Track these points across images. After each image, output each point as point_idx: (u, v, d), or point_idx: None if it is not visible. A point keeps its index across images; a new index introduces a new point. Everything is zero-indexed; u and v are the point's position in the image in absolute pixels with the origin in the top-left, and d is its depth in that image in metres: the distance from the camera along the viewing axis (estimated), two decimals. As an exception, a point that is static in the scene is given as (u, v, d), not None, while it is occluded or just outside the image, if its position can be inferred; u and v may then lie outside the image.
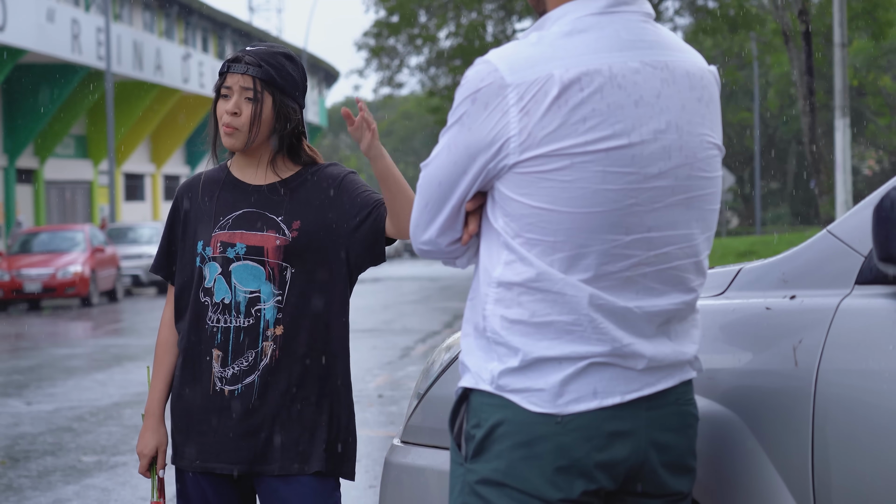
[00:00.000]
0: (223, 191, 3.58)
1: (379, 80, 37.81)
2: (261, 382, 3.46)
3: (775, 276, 2.90)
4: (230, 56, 3.55)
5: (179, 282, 3.59)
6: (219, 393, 3.49)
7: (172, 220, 3.65)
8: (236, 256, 3.49)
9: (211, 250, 3.51)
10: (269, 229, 3.50)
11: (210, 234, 3.53)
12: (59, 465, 8.89)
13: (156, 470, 3.61)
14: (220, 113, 3.51)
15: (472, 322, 2.55)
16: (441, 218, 2.54)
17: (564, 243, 2.43)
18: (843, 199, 19.34)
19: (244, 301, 3.48)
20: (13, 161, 34.72)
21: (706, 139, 2.55)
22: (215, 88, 3.54)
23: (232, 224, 3.52)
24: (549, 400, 2.45)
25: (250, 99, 3.48)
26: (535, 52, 2.44)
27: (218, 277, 3.50)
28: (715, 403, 2.79)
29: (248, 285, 3.48)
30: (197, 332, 3.52)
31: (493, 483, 2.47)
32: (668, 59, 2.51)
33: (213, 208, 3.56)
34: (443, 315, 20.78)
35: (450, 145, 2.50)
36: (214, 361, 3.49)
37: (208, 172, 3.67)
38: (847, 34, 21.42)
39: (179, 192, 3.66)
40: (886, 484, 2.58)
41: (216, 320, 3.49)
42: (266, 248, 3.49)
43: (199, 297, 3.52)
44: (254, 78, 3.47)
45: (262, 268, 3.49)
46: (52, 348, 18.14)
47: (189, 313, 3.54)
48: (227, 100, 3.50)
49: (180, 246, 3.60)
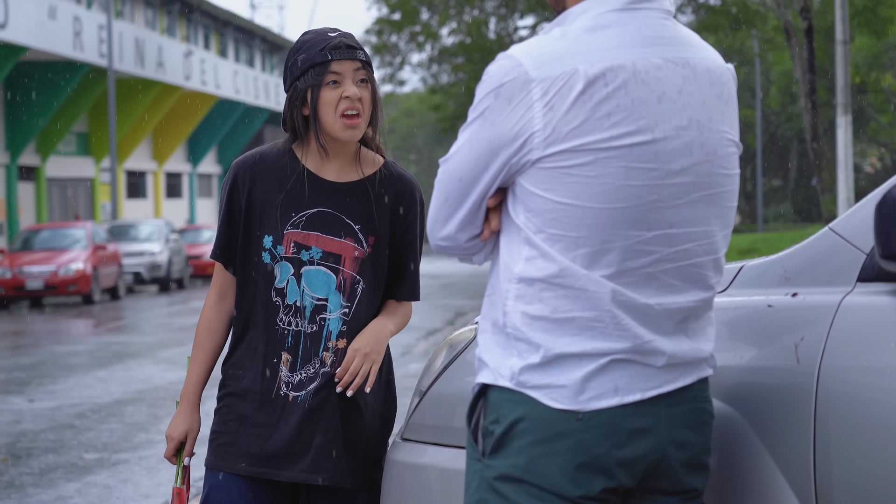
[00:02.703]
0: (294, 182, 3.39)
1: (381, 77, 37.79)
2: (321, 392, 3.34)
3: (777, 274, 2.90)
4: (322, 40, 3.32)
5: (240, 274, 3.42)
6: (283, 397, 3.36)
7: (231, 204, 3.42)
8: (310, 260, 3.35)
9: (283, 249, 3.36)
10: (347, 236, 3.36)
11: (281, 230, 3.36)
12: (60, 462, 8.89)
13: (182, 456, 3.49)
14: (331, 102, 3.30)
15: (490, 318, 2.54)
16: (461, 213, 2.53)
17: (587, 239, 2.43)
18: (844, 196, 19.33)
19: (310, 306, 3.35)
20: (15, 158, 34.72)
21: (726, 136, 2.55)
22: (313, 81, 3.31)
23: (306, 223, 3.36)
24: (570, 396, 2.44)
25: (364, 81, 3.33)
26: (559, 48, 2.44)
27: (290, 279, 3.36)
28: (717, 400, 2.79)
29: (317, 292, 3.36)
30: (266, 332, 3.38)
31: (512, 479, 2.46)
32: (688, 55, 2.51)
33: (284, 201, 3.37)
34: (444, 312, 20.77)
35: (471, 140, 2.49)
36: (283, 365, 3.36)
37: (267, 154, 3.43)
38: (849, 31, 21.41)
39: (238, 174, 3.42)
40: (888, 480, 2.58)
41: (287, 322, 3.36)
42: (344, 257, 3.36)
43: (271, 296, 3.37)
44: (362, 62, 3.34)
45: (335, 276, 3.36)
46: (53, 345, 18.15)
47: (257, 312, 3.39)
48: (337, 86, 3.31)
49: (241, 232, 3.41)
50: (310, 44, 3.34)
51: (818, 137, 21.70)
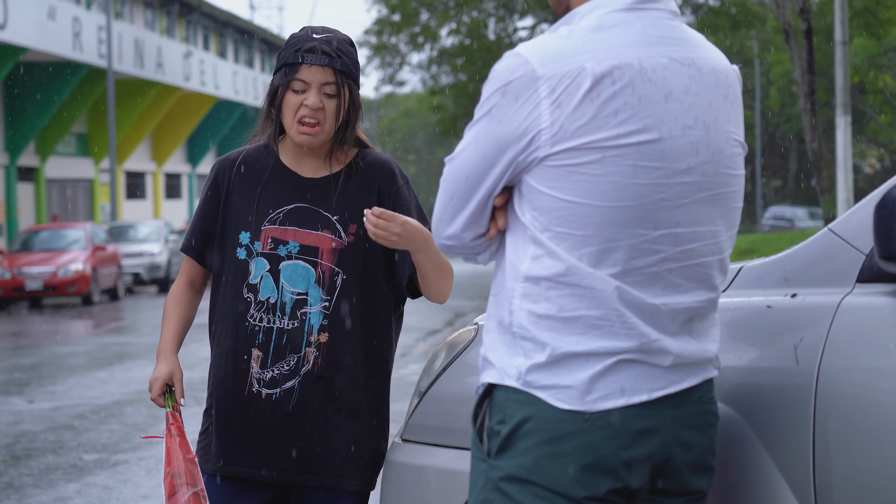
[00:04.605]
0: (272, 179, 3.39)
1: (380, 78, 37.80)
2: (301, 389, 3.32)
3: (776, 274, 2.90)
4: (301, 41, 3.31)
5: (216, 268, 3.42)
6: (255, 395, 3.34)
7: (210, 199, 3.43)
8: (288, 255, 3.33)
9: (260, 245, 3.35)
10: (324, 229, 3.34)
11: (259, 226, 3.35)
12: (60, 463, 8.89)
13: (174, 396, 3.43)
14: (292, 106, 3.29)
15: (496, 317, 2.54)
16: (467, 212, 2.53)
17: (594, 237, 2.43)
18: (844, 196, 19.32)
19: (290, 302, 3.33)
20: (14, 159, 34.71)
21: (731, 136, 2.56)
22: (281, 81, 3.31)
23: (283, 219, 3.35)
24: (576, 397, 2.44)
25: (330, 95, 3.29)
26: (566, 46, 2.44)
27: (265, 275, 3.34)
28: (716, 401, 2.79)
29: (297, 286, 3.33)
30: (235, 328, 3.36)
31: (518, 480, 2.46)
32: (694, 56, 2.52)
33: (260, 197, 3.37)
34: (443, 313, 20.76)
35: (478, 138, 2.48)
36: (253, 362, 3.34)
37: (250, 152, 3.44)
38: (848, 32, 21.41)
39: (218, 170, 3.44)
40: (887, 481, 2.58)
41: (258, 319, 3.34)
42: (321, 249, 3.34)
43: (242, 292, 3.36)
44: (335, 71, 3.29)
45: (313, 269, 3.34)
46: (53, 346, 18.14)
47: (228, 307, 3.38)
48: (301, 94, 3.29)
49: (218, 229, 3.41)
50: (293, 40, 3.36)
51: (818, 138, 21.69)
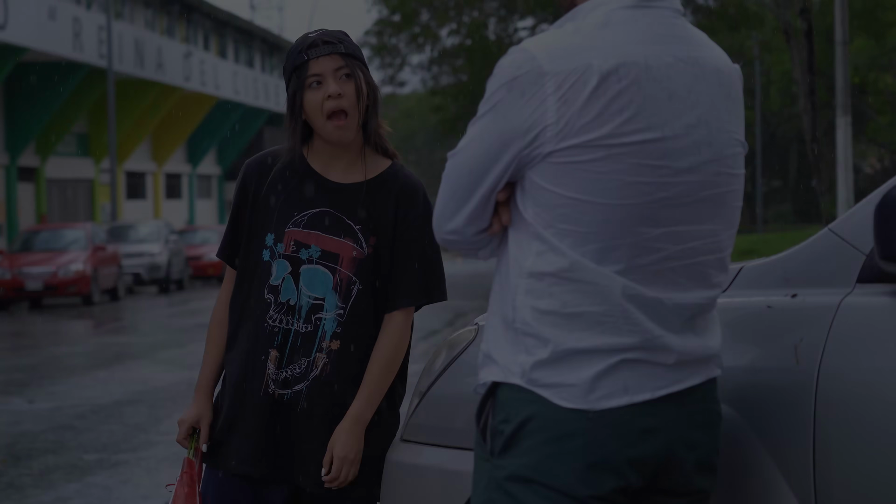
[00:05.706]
0: (300, 182, 3.40)
1: (381, 78, 37.78)
2: (308, 393, 3.34)
3: (777, 275, 2.90)
4: (301, 43, 3.34)
5: (240, 268, 3.44)
6: (270, 395, 3.36)
7: (239, 203, 3.45)
8: (309, 259, 3.35)
9: (283, 247, 3.36)
10: (346, 236, 3.36)
11: (283, 228, 3.37)
12: (60, 463, 8.89)
13: (197, 440, 3.48)
14: (315, 105, 3.31)
15: (499, 314, 2.53)
16: (469, 206, 2.52)
17: (597, 234, 2.43)
18: (844, 197, 19.33)
19: (307, 306, 3.34)
20: (15, 159, 34.72)
21: (733, 136, 2.56)
22: (297, 85, 3.33)
23: (307, 222, 3.37)
24: (580, 396, 2.43)
25: (347, 76, 3.32)
26: (573, 42, 2.44)
27: (287, 277, 3.36)
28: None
29: (315, 291, 3.35)
30: (255, 328, 3.38)
31: (522, 479, 2.45)
32: (698, 55, 2.52)
33: (287, 200, 3.39)
34: (444, 313, 20.74)
35: (482, 133, 2.48)
36: (270, 362, 3.36)
37: (277, 154, 3.45)
38: (848, 32, 21.41)
39: (246, 173, 3.46)
40: (888, 481, 2.58)
41: (277, 320, 3.36)
42: (341, 257, 3.35)
43: (264, 293, 3.38)
44: (342, 55, 3.31)
45: (332, 275, 3.35)
46: (53, 346, 18.15)
47: (248, 307, 3.40)
48: (320, 87, 3.31)
49: (246, 230, 3.43)
50: (293, 48, 3.39)
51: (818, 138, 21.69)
